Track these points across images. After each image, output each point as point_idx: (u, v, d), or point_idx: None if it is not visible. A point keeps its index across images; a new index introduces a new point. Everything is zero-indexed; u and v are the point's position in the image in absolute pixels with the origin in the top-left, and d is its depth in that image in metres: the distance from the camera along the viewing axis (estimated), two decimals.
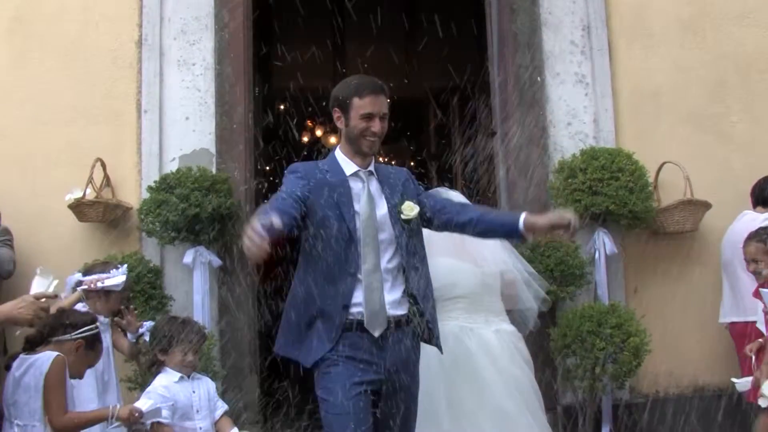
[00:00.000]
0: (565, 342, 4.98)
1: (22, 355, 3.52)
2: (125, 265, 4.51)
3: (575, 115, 5.71)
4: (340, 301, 3.25)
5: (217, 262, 5.30)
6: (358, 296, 3.27)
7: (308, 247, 3.31)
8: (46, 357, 3.44)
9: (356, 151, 3.43)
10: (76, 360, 3.53)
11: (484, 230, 3.53)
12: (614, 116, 5.72)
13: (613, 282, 5.48)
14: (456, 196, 4.49)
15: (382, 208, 3.40)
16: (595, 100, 5.72)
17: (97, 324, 3.70)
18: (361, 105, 3.36)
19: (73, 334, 3.52)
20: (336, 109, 3.44)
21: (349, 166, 3.43)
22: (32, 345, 3.53)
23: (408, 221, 3.40)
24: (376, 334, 3.25)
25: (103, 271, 4.38)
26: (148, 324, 4.33)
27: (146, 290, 5.06)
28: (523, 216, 3.40)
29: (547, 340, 5.16)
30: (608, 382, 5.00)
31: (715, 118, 5.87)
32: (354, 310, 3.27)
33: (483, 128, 6.90)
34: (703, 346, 5.59)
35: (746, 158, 5.75)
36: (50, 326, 3.53)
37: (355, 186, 3.40)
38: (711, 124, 5.86)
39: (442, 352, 3.57)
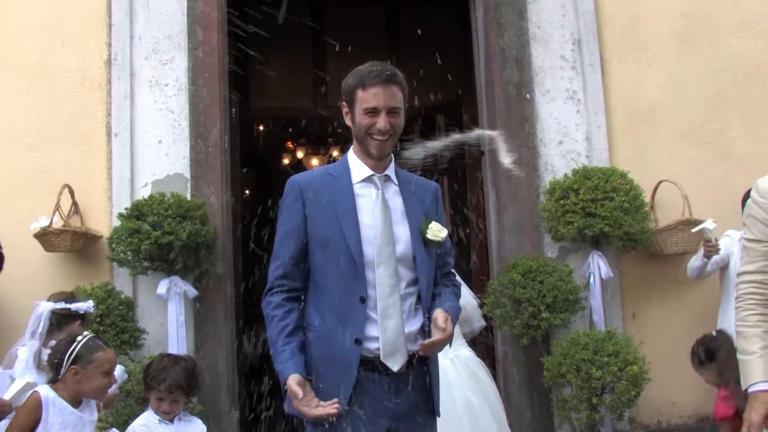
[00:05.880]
0: (560, 371, 5.03)
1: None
2: (91, 302, 4.52)
3: (567, 134, 5.81)
4: (351, 335, 2.93)
5: (192, 292, 5.35)
6: (371, 329, 2.95)
7: (312, 276, 3.04)
8: (29, 393, 3.54)
9: (366, 153, 3.08)
10: (80, 386, 3.55)
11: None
12: (607, 134, 5.82)
13: (609, 307, 5.56)
14: None
15: (400, 222, 3.08)
16: (587, 118, 5.81)
17: (77, 339, 3.58)
18: (364, 98, 2.99)
19: (64, 365, 3.56)
20: (343, 103, 3.09)
21: (360, 170, 3.09)
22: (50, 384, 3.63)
23: (432, 243, 3.08)
24: (396, 368, 2.94)
25: (67, 302, 4.37)
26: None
27: (118, 323, 5.10)
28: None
29: (541, 369, 5.22)
30: (606, 413, 5.05)
31: (713, 134, 5.97)
32: (369, 345, 2.95)
33: (470, 148, 6.96)
34: None
35: (747, 175, 5.78)
36: (51, 367, 3.61)
37: (365, 193, 3.07)
38: (709, 139, 5.96)
39: (438, 414, 3.20)
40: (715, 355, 4.57)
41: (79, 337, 3.59)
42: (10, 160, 5.56)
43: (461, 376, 4.67)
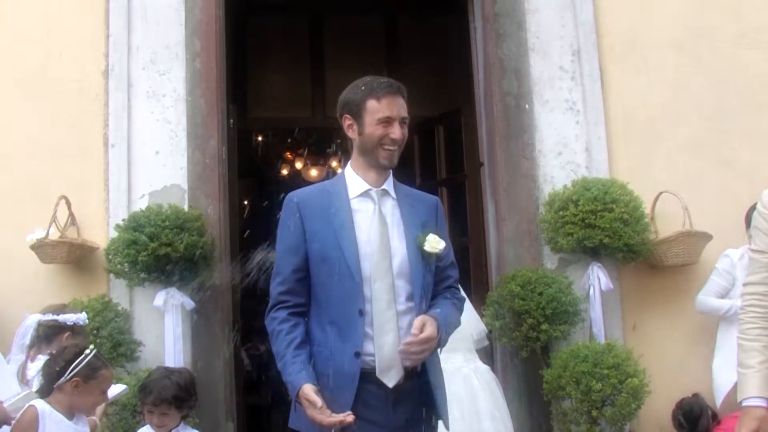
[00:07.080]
0: (560, 384, 5.03)
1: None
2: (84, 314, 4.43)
3: (566, 144, 5.81)
4: (351, 348, 2.99)
5: (190, 304, 5.35)
6: (368, 344, 2.99)
7: (313, 291, 3.10)
8: (25, 407, 3.53)
9: (371, 165, 3.13)
10: (76, 399, 3.55)
11: None
12: (607, 144, 5.81)
13: (609, 319, 5.54)
14: None
15: (398, 236, 3.12)
16: (586, 128, 5.81)
17: (85, 353, 3.58)
18: (377, 108, 3.06)
19: (66, 375, 3.56)
20: (347, 115, 3.13)
21: (357, 185, 3.14)
22: (42, 395, 3.60)
23: (430, 255, 3.11)
24: (391, 384, 2.99)
25: (56, 314, 4.30)
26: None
27: (114, 335, 5.10)
28: None
29: (541, 381, 5.22)
30: (606, 426, 5.03)
31: (714, 145, 5.94)
32: (367, 359, 2.99)
33: (469, 159, 6.98)
34: (707, 385, 5.62)
35: (749, 186, 5.72)
36: (48, 375, 3.59)
37: (362, 208, 3.12)
38: (710, 150, 5.93)
39: (447, 427, 3.23)
40: (689, 420, 4.84)
41: (87, 351, 3.60)
42: (6, 170, 5.58)
43: (483, 387, 4.83)
